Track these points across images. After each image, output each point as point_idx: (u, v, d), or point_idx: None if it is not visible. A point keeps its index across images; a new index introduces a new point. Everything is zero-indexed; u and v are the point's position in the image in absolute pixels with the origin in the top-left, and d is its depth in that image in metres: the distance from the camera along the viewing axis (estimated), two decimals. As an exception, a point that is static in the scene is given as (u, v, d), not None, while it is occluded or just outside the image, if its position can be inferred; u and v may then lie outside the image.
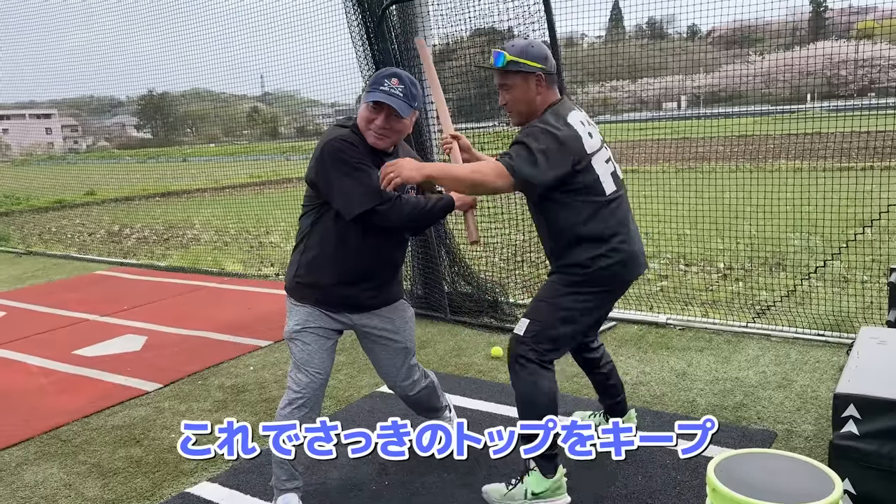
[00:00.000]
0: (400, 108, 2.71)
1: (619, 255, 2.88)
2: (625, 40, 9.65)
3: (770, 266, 7.17)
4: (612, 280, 2.93)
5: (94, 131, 37.20)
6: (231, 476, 3.40)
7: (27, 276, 8.81)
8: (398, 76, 2.75)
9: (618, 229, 2.88)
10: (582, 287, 2.88)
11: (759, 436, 3.48)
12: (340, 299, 2.94)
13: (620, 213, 2.91)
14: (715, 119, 11.36)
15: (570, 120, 2.79)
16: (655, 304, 5.71)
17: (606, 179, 2.86)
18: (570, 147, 2.74)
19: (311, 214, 2.89)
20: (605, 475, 3.18)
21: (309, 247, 2.90)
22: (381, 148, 2.82)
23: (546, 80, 2.84)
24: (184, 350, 5.37)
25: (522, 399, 2.89)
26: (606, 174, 2.87)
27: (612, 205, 2.87)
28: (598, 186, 2.83)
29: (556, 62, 4.77)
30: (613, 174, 2.92)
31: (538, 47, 2.85)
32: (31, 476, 3.53)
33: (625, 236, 2.90)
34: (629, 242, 2.92)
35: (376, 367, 3.21)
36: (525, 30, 5.17)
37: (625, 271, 2.93)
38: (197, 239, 11.80)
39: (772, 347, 4.74)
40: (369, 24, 5.38)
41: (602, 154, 2.88)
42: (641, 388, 4.17)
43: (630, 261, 2.92)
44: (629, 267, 2.93)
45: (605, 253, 2.85)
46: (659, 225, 7.92)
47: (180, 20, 11.25)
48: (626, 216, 2.95)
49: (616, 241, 2.88)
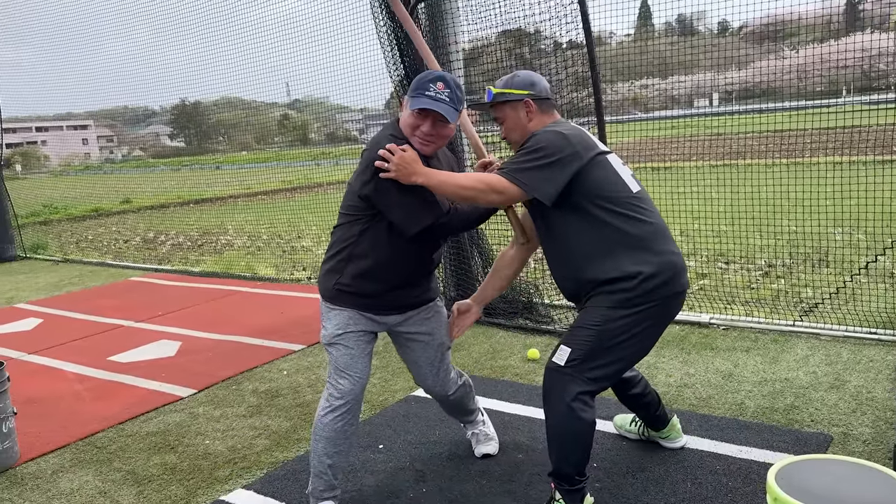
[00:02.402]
0: (448, 113, 2.61)
1: (665, 260, 2.62)
2: (654, 38, 9.49)
3: (813, 263, 6.95)
4: (665, 294, 2.62)
5: (129, 141, 37.86)
6: (266, 483, 3.34)
7: (64, 283, 8.90)
8: (444, 80, 2.64)
9: (652, 228, 2.64)
10: (633, 306, 2.58)
11: (814, 439, 3.32)
12: (385, 303, 2.86)
13: (655, 215, 2.69)
14: (748, 115, 11.15)
15: (575, 127, 2.73)
16: (696, 303, 5.55)
17: (627, 177, 2.68)
18: (576, 139, 2.61)
19: (356, 224, 2.76)
20: (651, 481, 3.05)
21: (356, 255, 2.77)
22: (426, 154, 2.73)
23: (536, 105, 2.75)
24: (217, 355, 5.34)
25: (557, 436, 2.66)
26: (626, 175, 2.68)
27: (644, 205, 2.66)
28: (619, 182, 2.64)
29: (591, 62, 4.70)
30: (632, 177, 2.73)
31: (523, 76, 2.79)
32: (67, 483, 3.50)
33: (661, 242, 2.65)
34: (673, 248, 2.68)
35: (413, 368, 3.12)
36: (558, 29, 5.07)
37: (674, 284, 2.63)
38: (230, 244, 11.85)
39: (821, 347, 4.55)
40: (398, 28, 5.31)
41: (616, 158, 2.72)
42: (686, 390, 4.03)
43: (676, 272, 2.64)
44: (678, 279, 2.65)
45: (649, 260, 2.59)
46: (696, 222, 7.75)
47: (210, 30, 11.35)
48: (657, 218, 2.70)
49: (660, 246, 2.64)
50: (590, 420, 2.62)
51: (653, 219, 2.65)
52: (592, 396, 2.64)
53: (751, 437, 3.38)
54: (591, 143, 2.66)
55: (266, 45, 13.28)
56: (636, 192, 2.66)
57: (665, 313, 2.67)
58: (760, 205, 7.31)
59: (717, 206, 7.29)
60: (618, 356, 2.62)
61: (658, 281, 2.58)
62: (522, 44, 5.52)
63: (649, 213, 2.66)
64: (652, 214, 2.67)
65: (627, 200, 2.63)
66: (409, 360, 3.10)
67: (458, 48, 5.25)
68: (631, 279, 2.56)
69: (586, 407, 2.60)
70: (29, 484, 3.53)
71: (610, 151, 2.73)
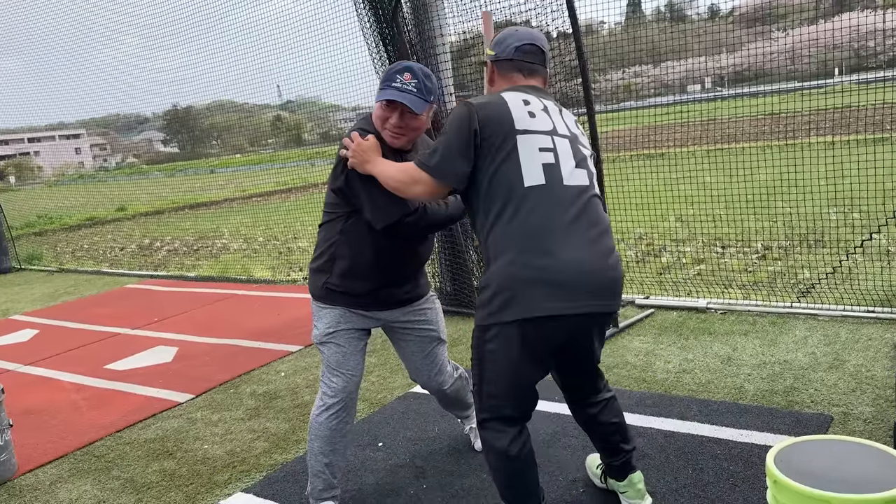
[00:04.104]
0: (414, 104, 2.55)
1: (515, 272, 2.20)
2: (644, 25, 9.47)
3: (810, 243, 6.94)
4: (506, 319, 2.21)
5: (123, 148, 37.80)
6: (266, 486, 3.32)
7: (59, 293, 8.86)
8: (411, 70, 2.60)
9: (527, 234, 2.19)
10: (486, 328, 2.28)
11: (814, 420, 3.30)
12: (375, 300, 2.83)
13: (533, 215, 2.20)
14: (741, 99, 11.12)
15: (505, 94, 2.34)
16: (694, 288, 5.53)
17: (532, 166, 2.22)
18: (485, 109, 2.27)
19: (337, 222, 2.74)
20: (653, 468, 3.03)
21: (340, 256, 2.75)
22: (399, 147, 2.69)
23: (497, 68, 2.49)
24: (214, 359, 5.31)
25: (490, 468, 2.46)
26: (535, 162, 2.22)
27: (531, 201, 2.21)
28: (514, 170, 2.22)
29: (579, 50, 4.67)
30: (549, 167, 2.24)
31: (499, 34, 2.54)
32: (66, 494, 3.47)
33: (540, 247, 2.18)
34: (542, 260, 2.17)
35: (409, 363, 3.09)
36: (544, 19, 5.03)
37: (526, 302, 2.18)
38: (226, 248, 11.82)
39: (820, 327, 4.53)
40: (382, 21, 5.28)
41: (541, 140, 2.26)
42: (685, 376, 4.01)
43: (540, 288, 2.17)
44: (535, 297, 2.17)
45: (496, 272, 2.23)
46: (692, 208, 7.74)
47: (199, 35, 11.32)
48: (552, 217, 2.20)
49: (512, 255, 2.20)
50: (499, 448, 2.35)
51: (521, 220, 2.20)
52: (500, 422, 2.35)
53: (751, 421, 3.36)
54: (497, 115, 2.26)
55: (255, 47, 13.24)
56: (533, 185, 2.21)
57: (522, 344, 2.24)
58: (756, 188, 7.29)
59: (712, 191, 7.26)
60: (494, 378, 2.34)
61: (498, 301, 2.23)
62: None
63: (524, 213, 2.20)
64: (526, 214, 2.20)
65: (513, 195, 2.23)
66: (404, 354, 3.08)
67: (444, 41, 5.21)
68: (482, 293, 2.31)
69: (495, 434, 2.36)
70: (27, 496, 3.50)
71: (548, 133, 2.29)
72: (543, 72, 2.51)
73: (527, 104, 2.32)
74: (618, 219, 7.24)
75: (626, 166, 8.13)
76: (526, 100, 2.33)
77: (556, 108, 2.41)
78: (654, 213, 7.16)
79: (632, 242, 8.06)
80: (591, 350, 2.45)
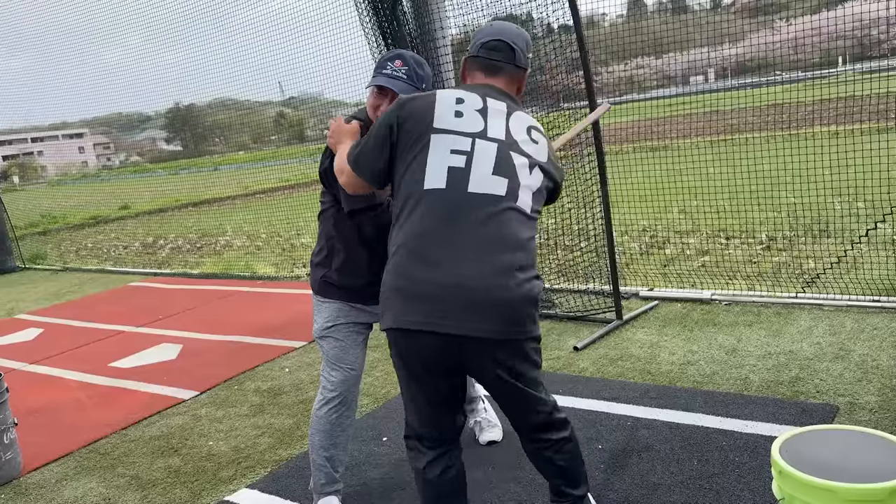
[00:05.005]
0: (403, 91, 2.54)
1: (392, 279, 2.08)
2: (647, 17, 9.44)
3: (814, 234, 6.90)
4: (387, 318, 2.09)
5: (126, 147, 37.83)
6: (271, 482, 3.32)
7: (64, 292, 8.88)
8: (402, 58, 2.62)
9: (411, 240, 2.05)
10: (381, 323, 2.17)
11: (820, 410, 3.29)
12: (372, 294, 2.82)
13: (431, 216, 2.04)
14: (744, 90, 11.06)
15: (441, 91, 2.24)
16: (698, 280, 5.51)
17: (437, 169, 2.07)
18: (410, 107, 2.18)
19: (329, 212, 2.75)
20: (658, 460, 3.02)
21: (337, 250, 2.76)
22: None
23: (466, 64, 2.35)
24: (219, 356, 5.32)
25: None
26: (442, 164, 2.07)
27: (425, 205, 2.05)
28: (419, 171, 2.08)
29: (580, 43, 4.63)
30: (455, 171, 2.06)
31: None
32: (71, 492, 3.48)
33: (417, 255, 2.03)
34: (418, 264, 2.02)
35: None
36: (545, 12, 5.01)
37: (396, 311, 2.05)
38: (230, 245, 11.83)
39: (825, 317, 4.51)
40: (381, 15, 5.26)
41: (457, 142, 2.09)
42: (690, 367, 3.99)
43: (409, 294, 2.03)
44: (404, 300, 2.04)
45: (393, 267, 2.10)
46: (695, 199, 7.70)
47: (201, 33, 11.33)
48: (439, 226, 2.03)
49: (395, 260, 2.08)
50: (416, 468, 2.29)
51: (411, 224, 2.07)
52: (417, 441, 2.28)
53: (756, 412, 3.34)
54: (429, 116, 2.14)
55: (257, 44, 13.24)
56: (432, 188, 2.06)
57: (398, 355, 2.14)
58: (759, 178, 7.25)
59: (715, 182, 7.23)
60: (402, 391, 2.27)
61: (381, 307, 2.13)
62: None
63: (416, 216, 2.07)
64: (418, 218, 2.06)
65: (412, 196, 2.10)
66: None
67: (445, 34, 5.19)
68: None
69: (412, 453, 2.30)
70: (33, 494, 3.51)
71: (475, 136, 2.12)
72: (510, 70, 2.29)
73: (459, 103, 2.17)
74: (622, 211, 7.23)
75: (629, 159, 8.10)
76: (460, 98, 2.18)
77: (502, 110, 2.20)
78: (658, 205, 7.14)
79: (636, 235, 8.03)
80: (497, 381, 2.13)
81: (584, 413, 3.56)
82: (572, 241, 5.58)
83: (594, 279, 5.30)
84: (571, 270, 5.56)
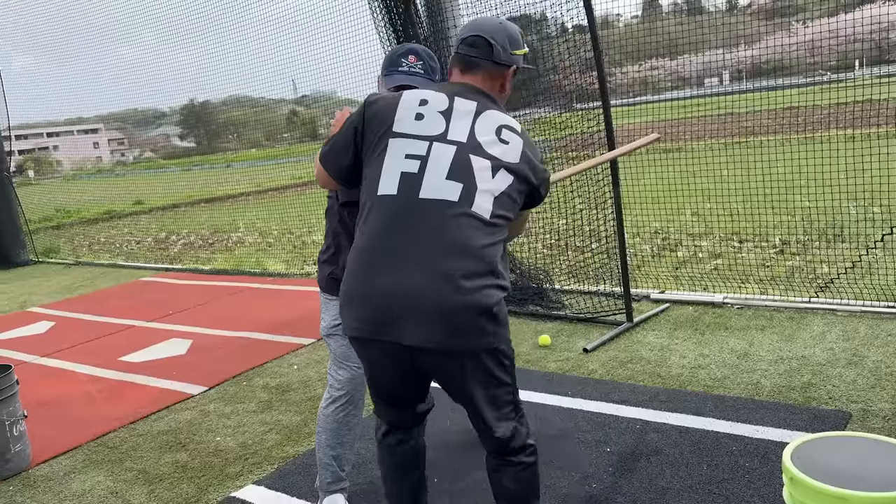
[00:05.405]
0: (424, 86, 2.54)
1: (344, 286, 2.08)
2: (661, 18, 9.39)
3: (828, 238, 6.84)
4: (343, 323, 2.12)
5: (140, 143, 37.99)
6: (277, 478, 3.31)
7: (76, 285, 8.93)
8: (415, 52, 2.60)
9: (362, 246, 2.04)
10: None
11: (832, 417, 3.25)
12: None
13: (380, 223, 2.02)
14: (759, 92, 10.98)
15: (408, 91, 2.20)
16: (710, 283, 5.47)
17: (391, 174, 2.03)
18: (374, 106, 2.15)
19: (333, 208, 2.73)
20: (667, 464, 2.99)
21: (343, 247, 2.72)
22: None
23: (451, 60, 2.29)
24: (228, 352, 5.32)
25: None
26: (396, 169, 2.03)
27: (376, 211, 2.04)
28: (375, 176, 2.07)
29: (595, 43, 4.61)
30: (407, 177, 2.01)
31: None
32: (79, 485, 3.49)
33: (365, 262, 2.02)
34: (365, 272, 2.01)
35: None
36: (559, 11, 4.99)
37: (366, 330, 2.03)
38: (241, 242, 11.86)
39: (838, 322, 4.47)
40: (394, 14, 5.25)
41: (413, 146, 2.05)
42: (701, 371, 3.96)
43: (376, 315, 1.99)
44: (352, 308, 2.05)
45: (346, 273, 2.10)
46: (708, 202, 7.66)
47: (216, 30, 11.36)
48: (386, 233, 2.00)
49: (349, 265, 2.08)
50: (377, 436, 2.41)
51: (365, 229, 2.06)
52: (378, 415, 2.40)
53: (767, 417, 3.31)
54: (389, 119, 2.10)
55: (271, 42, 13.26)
56: (384, 194, 2.03)
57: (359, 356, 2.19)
58: (774, 182, 7.19)
59: (729, 185, 7.18)
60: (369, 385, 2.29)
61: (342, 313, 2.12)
62: (529, 30, 5.44)
63: (369, 222, 2.05)
64: (370, 224, 2.04)
65: (368, 201, 2.08)
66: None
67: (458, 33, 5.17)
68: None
69: (377, 421, 2.42)
70: (41, 486, 3.52)
71: (430, 139, 2.05)
72: (488, 66, 2.19)
73: (422, 104, 2.10)
74: (633, 213, 7.19)
75: (641, 160, 8.05)
76: (424, 99, 2.12)
77: (470, 110, 2.11)
78: (671, 207, 7.09)
79: (647, 236, 7.99)
80: (455, 394, 2.13)
81: (593, 415, 3.54)
82: (583, 242, 5.56)
83: (605, 281, 5.27)
84: (582, 272, 5.53)
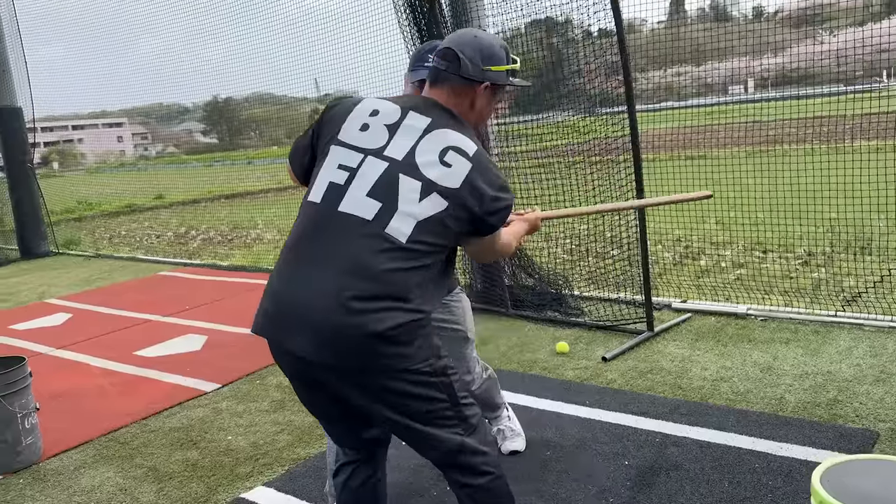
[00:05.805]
0: None
1: (265, 297, 2.01)
2: (687, 24, 9.29)
3: (855, 251, 6.70)
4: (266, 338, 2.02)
5: (163, 138, 38.26)
6: (287, 481, 3.26)
7: (94, 278, 8.96)
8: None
9: (284, 248, 2.01)
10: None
11: (859, 436, 3.15)
12: None
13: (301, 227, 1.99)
14: (785, 101, 10.82)
15: (367, 99, 2.15)
16: (733, 293, 5.36)
17: (321, 182, 2.00)
18: (332, 111, 2.14)
19: None
20: (687, 480, 2.91)
21: None
22: None
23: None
24: (243, 349, 5.29)
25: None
26: (327, 178, 2.00)
27: (301, 217, 2.02)
28: (313, 178, 2.06)
29: (622, 48, 4.53)
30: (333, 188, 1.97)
31: None
32: (88, 480, 3.46)
33: (284, 272, 1.97)
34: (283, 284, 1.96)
35: None
36: (586, 13, 4.91)
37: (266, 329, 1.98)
38: (260, 238, 11.88)
39: (865, 338, 4.35)
40: (419, 13, 5.20)
41: (348, 157, 2.00)
42: (723, 384, 3.86)
43: (274, 317, 1.96)
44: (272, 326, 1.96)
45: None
46: (732, 211, 7.54)
47: (241, 27, 11.36)
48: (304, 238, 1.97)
49: (273, 274, 2.02)
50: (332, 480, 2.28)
51: (291, 234, 2.03)
52: (334, 471, 2.27)
53: (791, 434, 3.21)
54: (338, 126, 2.07)
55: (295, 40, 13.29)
56: (311, 201, 2.00)
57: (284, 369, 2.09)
58: (799, 192, 7.06)
59: (753, 194, 7.05)
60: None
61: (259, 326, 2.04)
62: (553, 33, 5.37)
63: (295, 227, 2.03)
64: (294, 229, 2.02)
65: (302, 206, 2.05)
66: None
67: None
68: None
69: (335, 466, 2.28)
70: (51, 480, 3.50)
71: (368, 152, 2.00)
72: (454, 81, 2.10)
73: (373, 115, 2.05)
74: (656, 220, 7.08)
75: (665, 166, 7.95)
76: (376, 110, 2.06)
77: (419, 126, 2.02)
78: (694, 215, 6.98)
79: (669, 244, 7.88)
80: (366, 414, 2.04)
81: (610, 427, 3.46)
82: (604, 248, 5.47)
83: (625, 288, 5.18)
84: (602, 279, 5.45)
